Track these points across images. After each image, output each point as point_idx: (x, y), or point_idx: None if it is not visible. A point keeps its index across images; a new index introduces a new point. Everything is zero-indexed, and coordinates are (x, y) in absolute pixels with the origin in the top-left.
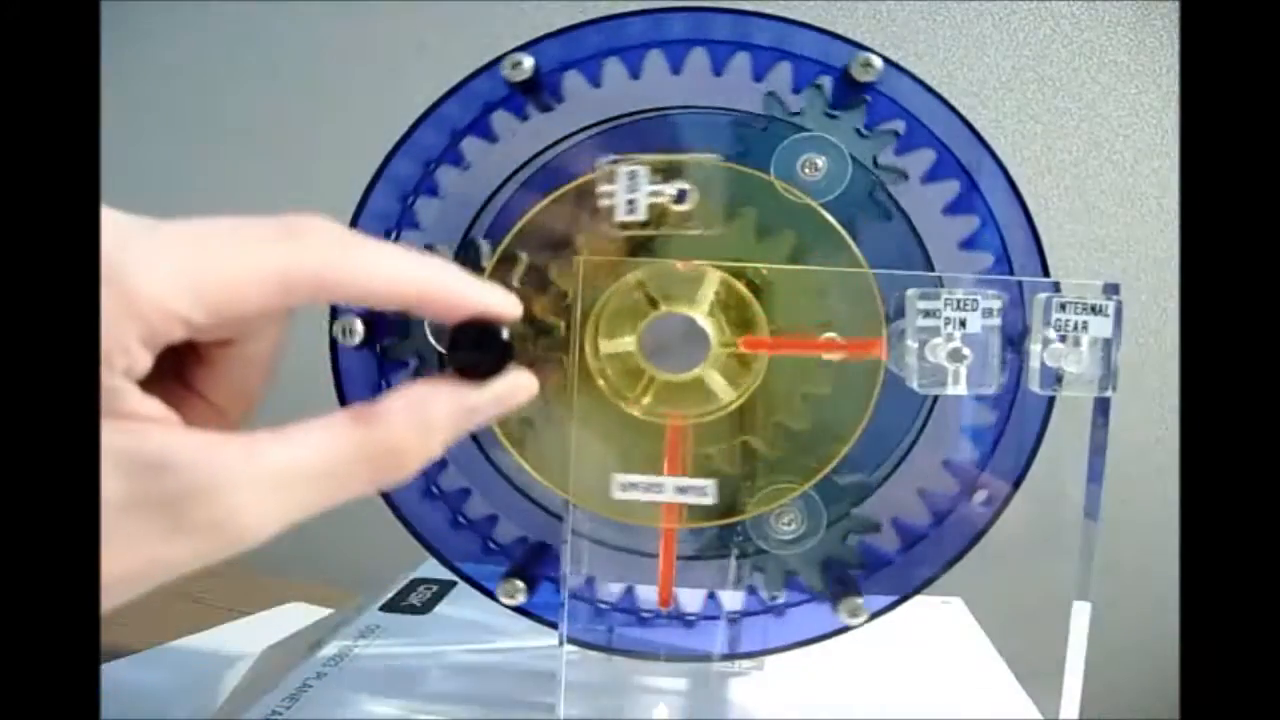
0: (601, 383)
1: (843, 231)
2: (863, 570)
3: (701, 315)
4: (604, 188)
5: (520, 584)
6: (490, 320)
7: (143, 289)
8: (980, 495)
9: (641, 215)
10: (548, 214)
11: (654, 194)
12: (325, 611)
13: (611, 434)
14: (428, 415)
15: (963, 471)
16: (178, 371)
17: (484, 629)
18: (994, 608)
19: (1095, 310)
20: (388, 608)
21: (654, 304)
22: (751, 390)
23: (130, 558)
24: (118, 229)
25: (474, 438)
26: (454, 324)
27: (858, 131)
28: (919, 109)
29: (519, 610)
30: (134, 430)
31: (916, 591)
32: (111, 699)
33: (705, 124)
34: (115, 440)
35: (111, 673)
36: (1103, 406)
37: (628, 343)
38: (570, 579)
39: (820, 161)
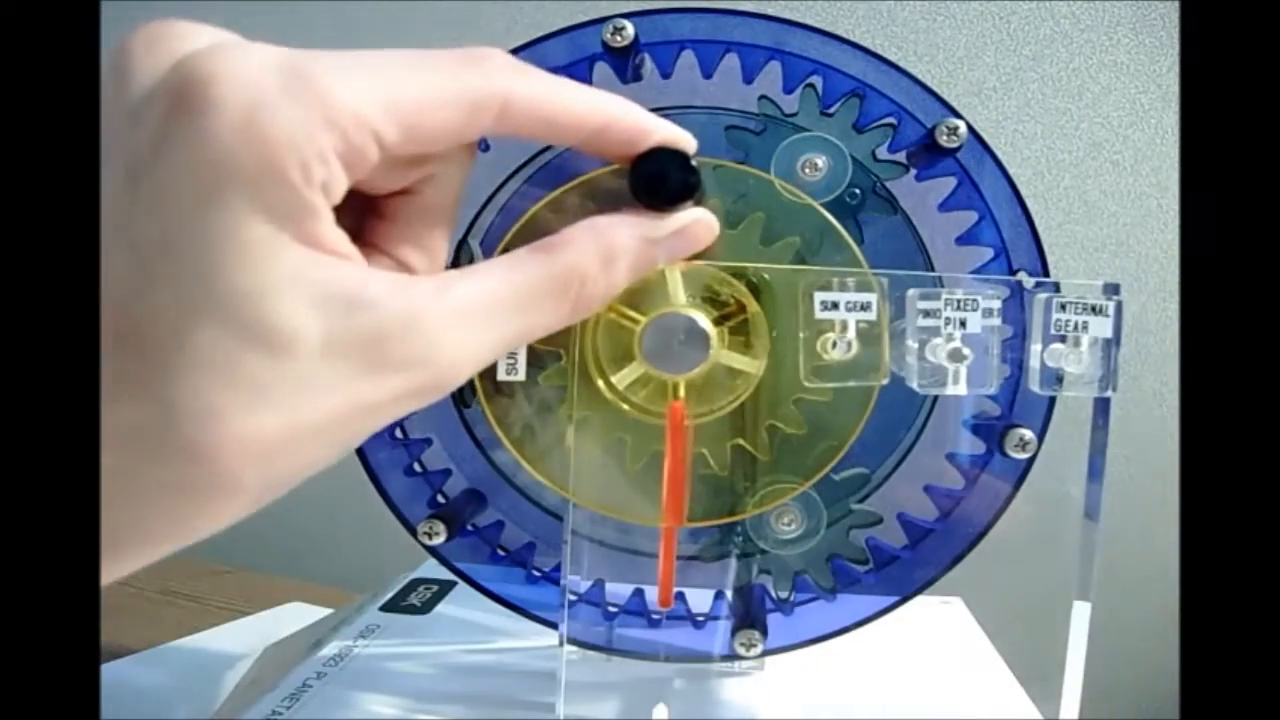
0: (600, 382)
1: (843, 232)
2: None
3: (701, 315)
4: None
5: (757, 633)
6: (675, 149)
7: (339, 97)
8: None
9: (826, 315)
10: (548, 212)
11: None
12: (325, 611)
13: (611, 433)
14: (610, 242)
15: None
16: (359, 231)
17: (484, 629)
18: (994, 608)
19: (1095, 310)
20: (388, 608)
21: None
22: (751, 389)
23: (330, 401)
24: (290, 52)
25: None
26: (636, 154)
27: (853, 128)
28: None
29: (520, 610)
30: (330, 264)
31: (917, 592)
32: (111, 699)
33: (704, 125)
34: (312, 272)
35: (111, 673)
36: (1103, 406)
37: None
38: (570, 579)
39: (820, 161)
